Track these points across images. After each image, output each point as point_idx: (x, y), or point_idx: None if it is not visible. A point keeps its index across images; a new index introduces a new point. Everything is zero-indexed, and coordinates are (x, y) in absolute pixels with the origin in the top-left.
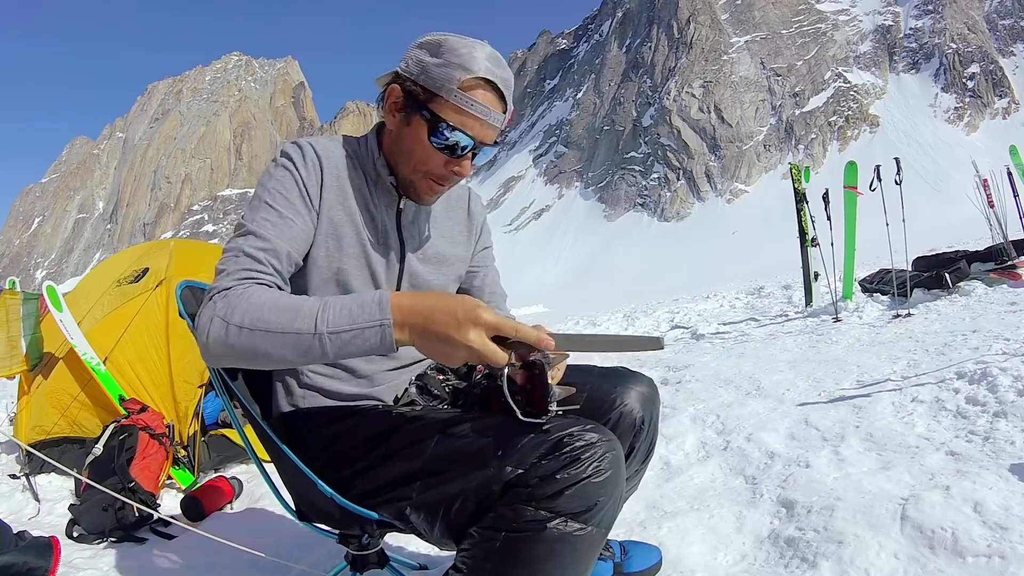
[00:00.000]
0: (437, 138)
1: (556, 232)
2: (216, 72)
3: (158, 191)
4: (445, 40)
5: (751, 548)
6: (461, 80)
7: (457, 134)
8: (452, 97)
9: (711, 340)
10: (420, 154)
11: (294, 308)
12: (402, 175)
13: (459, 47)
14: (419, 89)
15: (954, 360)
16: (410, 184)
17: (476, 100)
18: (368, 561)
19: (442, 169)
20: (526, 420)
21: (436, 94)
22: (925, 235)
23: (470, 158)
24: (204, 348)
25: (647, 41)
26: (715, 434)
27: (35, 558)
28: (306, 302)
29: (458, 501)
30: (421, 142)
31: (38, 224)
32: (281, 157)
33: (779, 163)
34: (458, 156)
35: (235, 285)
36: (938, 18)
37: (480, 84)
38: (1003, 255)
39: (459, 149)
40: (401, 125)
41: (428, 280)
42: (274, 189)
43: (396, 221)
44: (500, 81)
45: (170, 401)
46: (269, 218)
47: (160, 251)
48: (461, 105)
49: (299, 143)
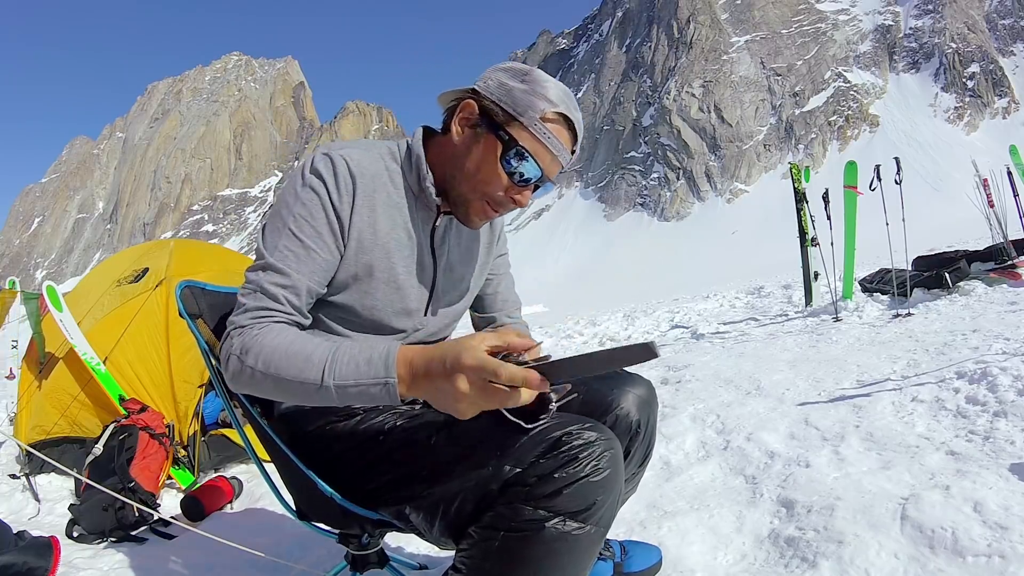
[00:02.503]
0: (507, 162)
1: (556, 232)
2: (216, 72)
3: (158, 191)
4: (533, 71)
5: (751, 548)
6: (544, 111)
7: (528, 162)
8: (532, 125)
9: (711, 340)
10: (486, 174)
11: (304, 357)
12: (457, 192)
13: (545, 80)
14: (499, 110)
15: (954, 360)
16: (465, 204)
17: (553, 134)
18: (368, 561)
19: (502, 194)
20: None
21: (516, 118)
22: (925, 235)
23: (532, 189)
24: (227, 380)
25: (647, 41)
26: (715, 434)
27: (35, 558)
28: (317, 349)
29: (457, 500)
30: (490, 162)
31: (38, 224)
32: (310, 175)
33: (779, 163)
34: (522, 184)
35: (251, 324)
36: (938, 18)
37: (559, 119)
38: (1003, 255)
39: (525, 177)
40: (470, 141)
41: (452, 298)
42: (300, 216)
43: (430, 238)
44: (576, 122)
45: (170, 401)
46: (292, 248)
47: (160, 251)
48: (538, 135)
49: (332, 157)
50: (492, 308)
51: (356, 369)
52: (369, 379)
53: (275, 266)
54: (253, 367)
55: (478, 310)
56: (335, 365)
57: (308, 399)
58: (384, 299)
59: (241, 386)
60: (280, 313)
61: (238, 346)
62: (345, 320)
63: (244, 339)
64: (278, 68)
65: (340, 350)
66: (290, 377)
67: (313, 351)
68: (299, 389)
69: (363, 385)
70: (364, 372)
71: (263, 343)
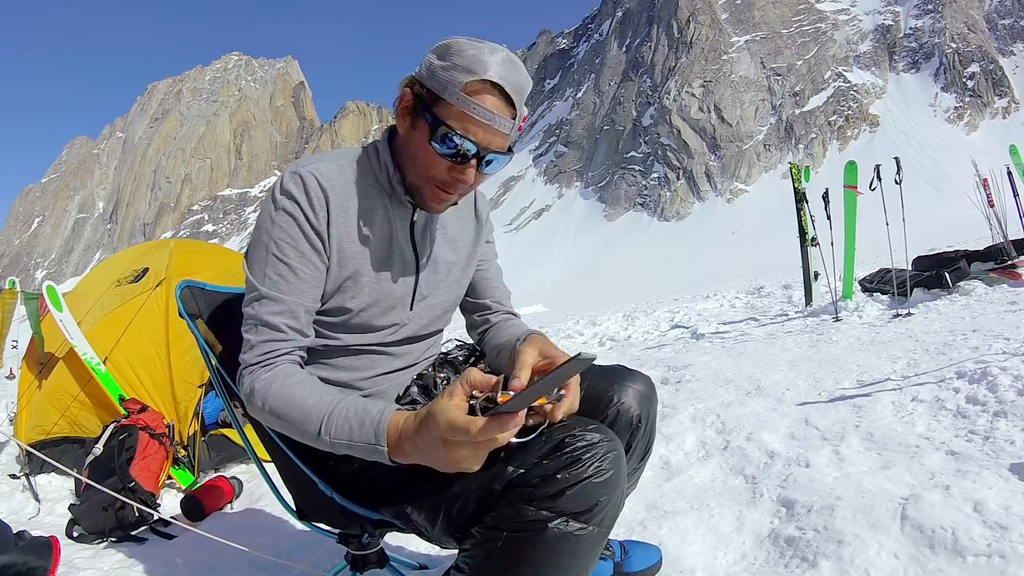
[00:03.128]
0: (439, 143)
1: (556, 232)
2: (216, 72)
3: (158, 191)
4: (455, 43)
5: (751, 548)
6: (464, 83)
7: (459, 139)
8: (455, 100)
9: (711, 340)
10: (424, 159)
11: (304, 411)
12: (410, 182)
13: (466, 49)
14: (425, 92)
15: (954, 359)
16: (418, 191)
17: (481, 104)
18: (368, 561)
19: (446, 175)
20: None
21: (440, 97)
22: (925, 234)
23: (474, 165)
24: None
25: (647, 41)
26: (715, 433)
27: (35, 558)
28: (317, 404)
29: (459, 500)
30: (424, 147)
31: (38, 224)
32: (282, 196)
33: (779, 163)
34: (461, 162)
35: (257, 364)
36: (938, 18)
37: (486, 88)
38: (1003, 254)
39: (461, 155)
40: (409, 129)
41: (440, 290)
42: (280, 240)
43: (410, 233)
44: (508, 85)
45: (170, 401)
46: (280, 273)
47: (160, 251)
48: (464, 109)
49: (301, 174)
50: (484, 295)
51: (349, 431)
52: (361, 442)
53: (268, 295)
54: (262, 408)
55: (471, 296)
56: (330, 424)
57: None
58: (369, 300)
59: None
60: (284, 343)
61: (247, 387)
62: (333, 324)
63: (253, 381)
64: (278, 68)
65: (336, 409)
66: (292, 423)
67: (312, 405)
68: (300, 435)
69: (356, 447)
70: (356, 435)
71: (268, 390)
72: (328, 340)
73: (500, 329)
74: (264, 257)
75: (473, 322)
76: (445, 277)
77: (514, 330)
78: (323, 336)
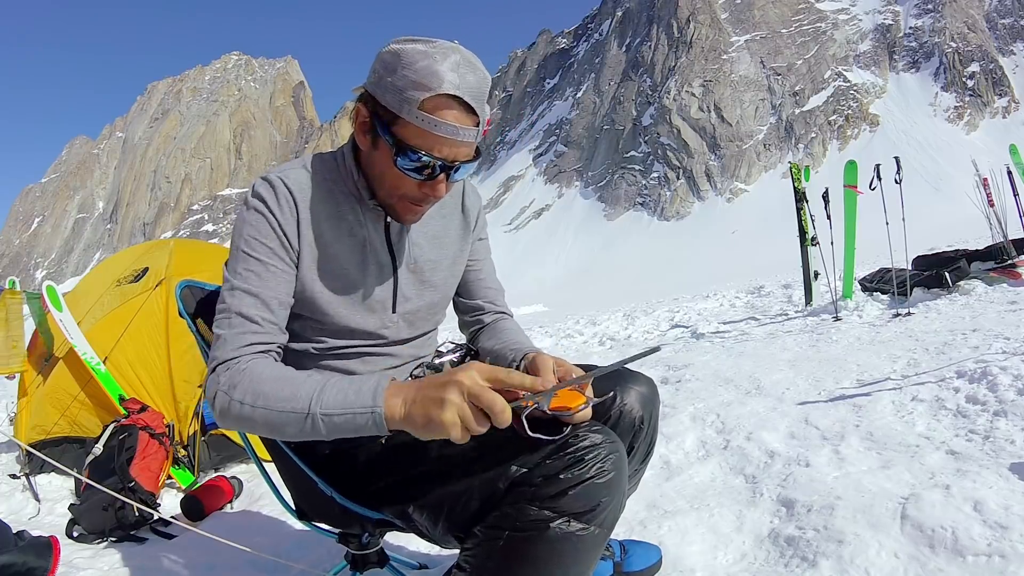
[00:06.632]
0: (404, 162)
1: (556, 231)
2: (216, 72)
3: (158, 191)
4: (402, 51)
5: (751, 547)
6: (421, 100)
7: (422, 157)
8: (414, 119)
9: (711, 339)
10: (391, 180)
11: (293, 387)
12: (380, 197)
13: (417, 60)
14: (382, 110)
15: (954, 359)
16: (389, 207)
17: (441, 120)
18: (368, 560)
19: (416, 192)
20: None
21: (398, 115)
22: (925, 234)
23: (443, 179)
24: (216, 418)
25: (647, 40)
26: (715, 433)
27: (35, 558)
28: (306, 383)
29: (462, 500)
30: (389, 167)
31: (38, 224)
32: (253, 199)
33: (779, 162)
34: (430, 179)
35: (236, 357)
36: (938, 17)
37: (444, 101)
38: (1003, 254)
39: (428, 171)
40: (371, 148)
41: (424, 291)
42: (251, 237)
43: (385, 235)
44: (467, 93)
45: (170, 401)
46: (253, 269)
47: (160, 251)
48: (424, 127)
49: (270, 180)
50: (476, 295)
51: (344, 399)
52: (357, 407)
53: (240, 287)
54: (241, 401)
55: (462, 295)
56: (323, 395)
57: (296, 432)
58: (345, 304)
59: (229, 422)
60: (260, 334)
61: (225, 382)
62: (316, 328)
63: (231, 374)
64: (278, 68)
65: (330, 381)
66: (278, 408)
67: (301, 384)
68: (286, 420)
69: (350, 414)
70: (352, 401)
71: (251, 377)
72: (313, 343)
73: (493, 330)
74: (237, 255)
75: (465, 322)
76: (430, 276)
77: (507, 336)
78: (307, 340)
